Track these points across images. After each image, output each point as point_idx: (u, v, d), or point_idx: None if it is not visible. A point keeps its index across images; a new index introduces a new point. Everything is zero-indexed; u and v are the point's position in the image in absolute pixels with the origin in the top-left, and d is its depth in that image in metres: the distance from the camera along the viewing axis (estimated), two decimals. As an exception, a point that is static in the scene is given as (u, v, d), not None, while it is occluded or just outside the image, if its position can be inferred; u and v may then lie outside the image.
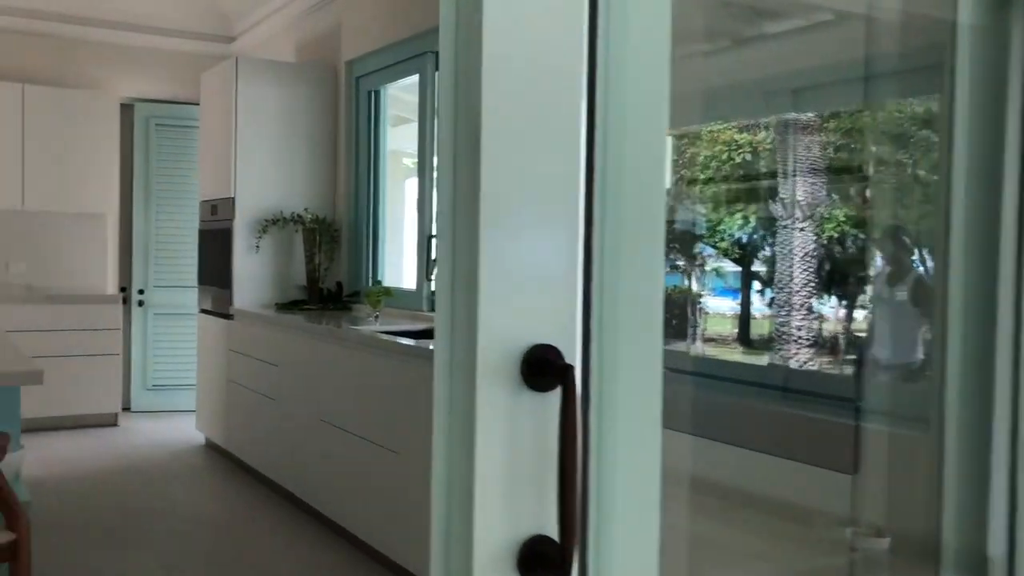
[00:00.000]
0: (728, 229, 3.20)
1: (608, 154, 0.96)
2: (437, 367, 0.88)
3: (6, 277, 6.64)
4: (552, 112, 0.88)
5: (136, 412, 7.03)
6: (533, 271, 0.86)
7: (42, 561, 3.72)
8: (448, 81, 0.88)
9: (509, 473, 0.85)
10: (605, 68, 0.96)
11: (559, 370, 0.84)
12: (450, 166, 0.88)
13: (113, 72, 6.97)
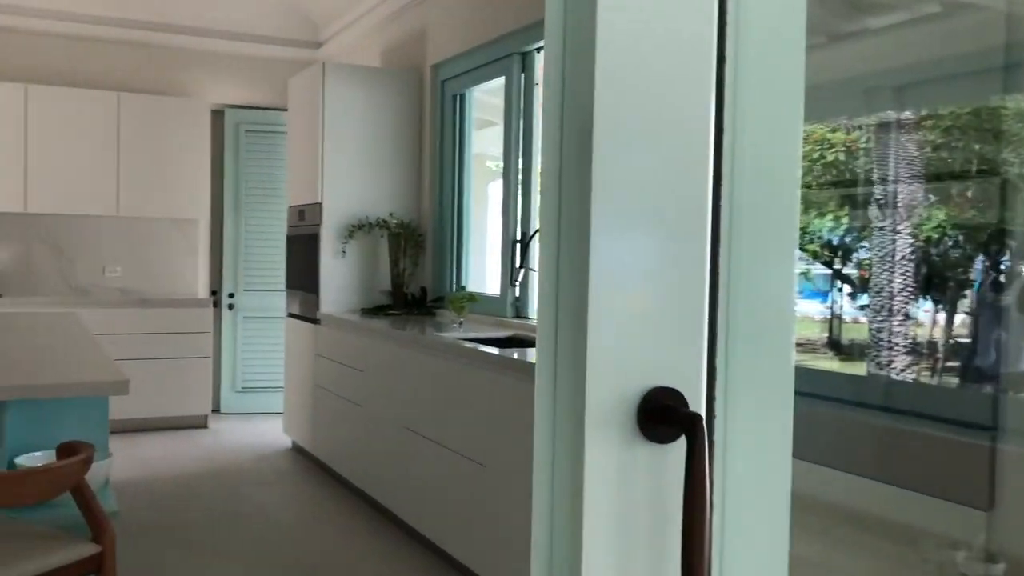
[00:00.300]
0: (818, 231, 3.05)
1: (737, 161, 0.83)
2: (538, 414, 0.76)
3: (102, 281, 6.81)
4: (675, 114, 0.75)
5: (225, 414, 7.13)
6: (653, 300, 0.74)
7: (126, 565, 3.75)
8: (554, 80, 0.76)
9: (622, 540, 0.73)
10: (735, 61, 0.83)
11: (684, 419, 0.72)
12: (555, 173, 0.76)
13: (204, 79, 7.08)
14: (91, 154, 6.45)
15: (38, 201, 6.32)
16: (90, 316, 5.93)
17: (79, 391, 2.52)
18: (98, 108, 6.46)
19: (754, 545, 0.87)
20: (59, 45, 6.61)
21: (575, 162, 0.73)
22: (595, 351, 0.71)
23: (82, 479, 2.24)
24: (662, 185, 0.74)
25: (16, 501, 2.17)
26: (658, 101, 0.74)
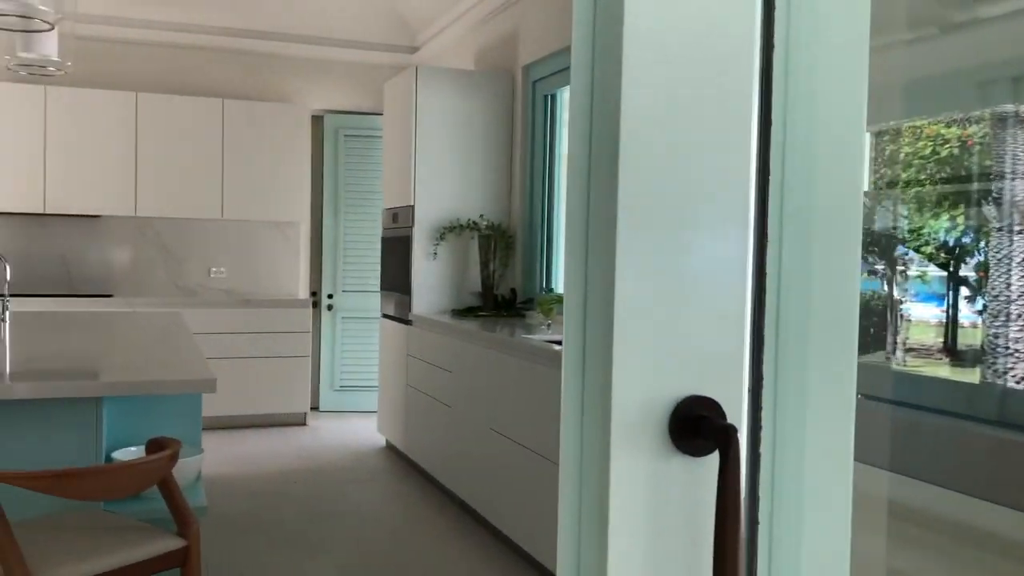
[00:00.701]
0: (932, 231, 2.89)
1: (788, 156, 0.77)
2: (564, 423, 0.73)
3: (207, 282, 7.06)
4: (712, 105, 0.70)
5: (324, 412, 7.29)
6: (687, 303, 0.69)
7: (220, 560, 3.86)
8: (582, 71, 0.72)
9: (650, 557, 0.68)
10: (785, 50, 0.77)
11: (718, 431, 0.66)
12: (584, 167, 0.72)
13: (305, 85, 7.26)
14: (197, 159, 6.69)
15: (147, 205, 6.59)
16: (195, 316, 6.15)
17: (169, 388, 2.60)
18: (203, 115, 6.70)
19: (810, 564, 0.81)
20: (167, 54, 6.88)
21: (604, 153, 0.69)
22: (622, 356, 0.67)
23: (169, 474, 2.30)
24: (697, 177, 0.69)
25: (104, 495, 2.25)
26: (694, 87, 0.69)
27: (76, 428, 2.63)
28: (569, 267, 0.72)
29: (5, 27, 3.82)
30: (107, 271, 6.83)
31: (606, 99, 0.69)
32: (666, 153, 0.68)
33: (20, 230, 6.60)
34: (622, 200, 0.66)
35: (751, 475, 0.77)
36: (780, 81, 0.78)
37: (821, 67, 0.83)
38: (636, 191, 0.66)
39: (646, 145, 0.67)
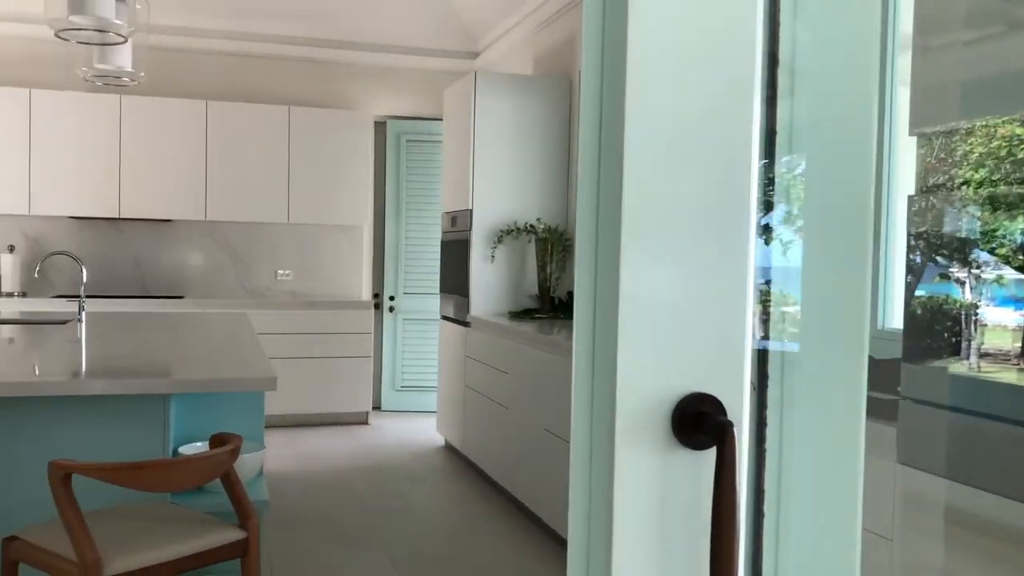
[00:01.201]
0: (1008, 233, 2.84)
1: (794, 155, 0.80)
2: (574, 417, 0.77)
3: (274, 284, 7.25)
4: (715, 108, 0.74)
5: (386, 412, 7.42)
6: (690, 302, 0.73)
7: (278, 553, 3.98)
8: (593, 77, 0.77)
9: (654, 544, 0.72)
10: (792, 50, 0.81)
11: (716, 426, 0.70)
12: (594, 169, 0.77)
13: (368, 91, 7.40)
14: (264, 165, 6.88)
15: (217, 209, 6.80)
16: (262, 317, 6.33)
17: (232, 386, 2.71)
18: (270, 122, 6.89)
19: (818, 556, 0.84)
20: (235, 64, 7.09)
21: (611, 156, 0.73)
22: (626, 355, 0.71)
23: (231, 468, 2.40)
24: (698, 175, 0.73)
25: (170, 487, 2.36)
26: (695, 88, 0.72)
27: (145, 423, 2.76)
28: (580, 270, 0.76)
29: (83, 40, 3.99)
30: (178, 274, 7.07)
31: (614, 103, 0.73)
32: (668, 156, 0.72)
33: (96, 234, 6.87)
34: (626, 203, 0.71)
35: (756, 470, 0.81)
36: (785, 79, 0.81)
37: (828, 74, 0.86)
38: (639, 196, 0.71)
39: (649, 154, 0.71)
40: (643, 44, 0.71)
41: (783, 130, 0.80)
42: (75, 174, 6.51)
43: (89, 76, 4.45)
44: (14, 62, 6.65)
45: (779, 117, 0.81)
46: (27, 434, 2.66)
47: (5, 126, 6.37)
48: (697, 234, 0.72)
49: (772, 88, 0.79)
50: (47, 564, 2.19)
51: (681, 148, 0.72)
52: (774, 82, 0.79)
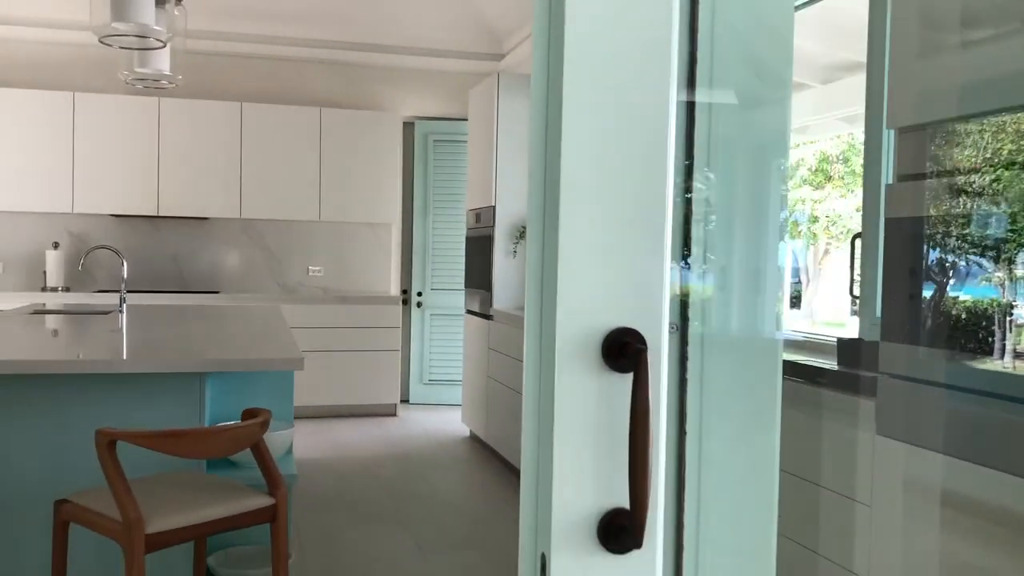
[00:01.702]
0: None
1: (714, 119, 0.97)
2: (527, 348, 0.95)
3: (306, 280, 7.49)
4: (637, 74, 0.89)
5: (413, 404, 7.63)
6: (615, 255, 0.90)
7: (310, 530, 4.19)
8: (539, 62, 0.94)
9: (589, 451, 0.89)
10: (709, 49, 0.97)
11: (634, 353, 0.87)
12: (541, 147, 0.94)
13: (397, 93, 7.62)
14: (297, 165, 7.13)
15: (251, 208, 7.05)
16: (295, 311, 6.57)
17: (261, 365, 2.91)
18: (303, 123, 7.13)
19: (737, 469, 1.01)
20: (269, 67, 7.35)
21: (555, 136, 0.90)
22: (565, 296, 0.88)
23: (261, 439, 2.60)
24: (623, 150, 0.89)
25: (205, 454, 2.56)
26: (621, 63, 0.89)
27: (182, 401, 2.97)
28: (530, 230, 0.94)
29: (125, 46, 4.23)
30: (214, 269, 7.33)
31: (556, 90, 0.90)
32: (598, 133, 0.89)
33: (136, 231, 7.16)
34: (564, 183, 0.88)
35: (679, 395, 0.98)
36: (705, 60, 0.98)
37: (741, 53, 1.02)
38: (576, 168, 0.88)
39: (583, 129, 0.88)
40: (578, 38, 0.88)
41: (701, 107, 0.96)
42: (116, 173, 6.79)
43: (130, 79, 4.69)
44: (59, 66, 6.95)
45: (697, 95, 0.97)
46: (75, 410, 2.89)
47: (50, 128, 6.67)
48: (623, 199, 0.89)
49: (691, 76, 0.96)
50: (94, 523, 2.40)
51: (608, 125, 0.88)
52: (693, 70, 0.96)
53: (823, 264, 14.02)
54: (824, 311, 13.04)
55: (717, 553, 1.00)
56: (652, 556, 0.89)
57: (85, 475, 2.83)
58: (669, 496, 0.98)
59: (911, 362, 2.14)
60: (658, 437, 0.90)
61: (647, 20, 0.89)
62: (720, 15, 0.98)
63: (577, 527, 0.90)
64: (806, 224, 12.78)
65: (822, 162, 13.23)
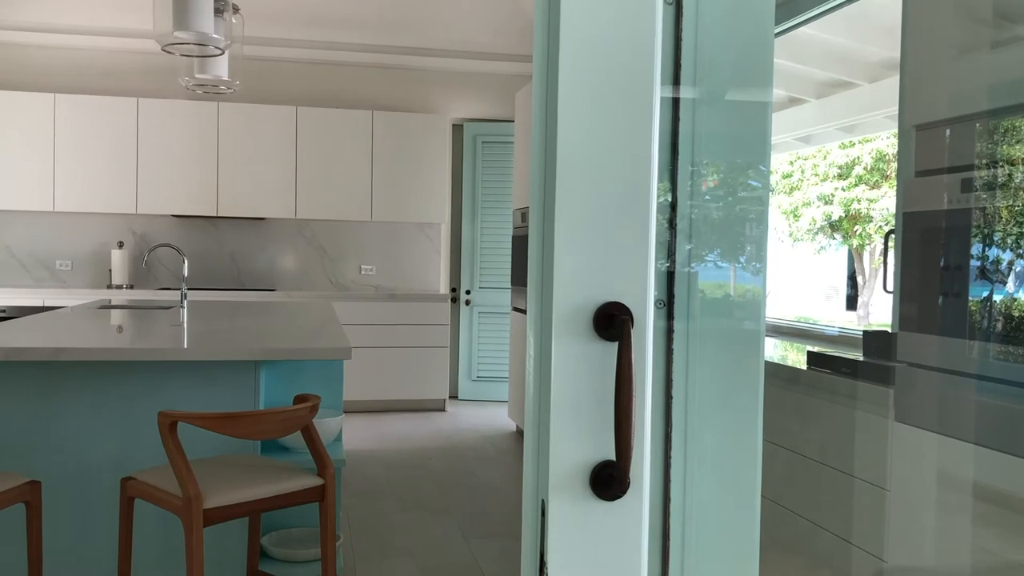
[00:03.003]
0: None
1: (698, 115, 1.09)
2: (529, 320, 1.08)
3: (358, 278, 7.71)
4: (624, 77, 1.02)
5: (462, 400, 7.80)
6: (604, 238, 1.02)
7: (359, 516, 4.36)
8: (539, 56, 1.07)
9: (581, 412, 1.02)
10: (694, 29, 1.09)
11: (619, 323, 1.00)
12: (541, 139, 1.07)
13: (446, 95, 7.80)
14: (349, 166, 7.34)
15: (306, 208, 7.29)
16: (347, 308, 6.78)
17: (312, 355, 3.08)
18: (355, 126, 7.34)
19: (722, 433, 1.13)
20: (323, 71, 7.58)
21: (552, 136, 1.03)
22: (561, 273, 1.01)
23: (311, 422, 2.77)
24: (610, 146, 1.02)
25: (259, 435, 2.73)
26: (609, 62, 1.01)
27: (238, 388, 3.16)
28: (533, 217, 1.07)
29: (186, 53, 4.46)
30: (270, 268, 7.58)
31: (552, 71, 1.03)
32: (593, 121, 1.01)
33: (195, 231, 7.44)
34: (559, 178, 1.01)
35: (666, 363, 1.10)
36: (689, 54, 1.10)
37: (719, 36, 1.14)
38: (567, 176, 1.01)
39: (576, 115, 1.01)
40: (571, 40, 1.01)
41: (685, 102, 1.09)
42: (177, 175, 7.08)
43: (190, 85, 4.91)
44: (123, 74, 7.27)
45: (681, 92, 1.09)
46: (140, 396, 3.09)
47: (115, 132, 6.98)
48: (612, 186, 1.01)
49: (676, 74, 1.08)
50: (157, 499, 2.59)
51: (598, 119, 1.01)
52: (677, 69, 1.08)
53: (878, 264, 13.76)
54: (877, 312, 12.80)
55: (703, 505, 1.12)
56: (639, 502, 1.02)
57: (148, 454, 3.03)
58: (656, 453, 1.10)
59: (926, 351, 2.22)
60: (643, 398, 1.02)
61: (633, 22, 1.01)
62: (703, 18, 1.10)
63: (571, 477, 1.02)
64: (861, 224, 12.59)
65: (878, 161, 13.04)
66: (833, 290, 14.98)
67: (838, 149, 12.61)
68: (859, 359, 2.75)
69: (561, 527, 1.02)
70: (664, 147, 1.09)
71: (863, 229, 12.88)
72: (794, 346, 3.69)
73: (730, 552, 1.18)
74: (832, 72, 5.50)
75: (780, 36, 4.01)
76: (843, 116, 5.84)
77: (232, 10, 4.60)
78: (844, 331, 3.36)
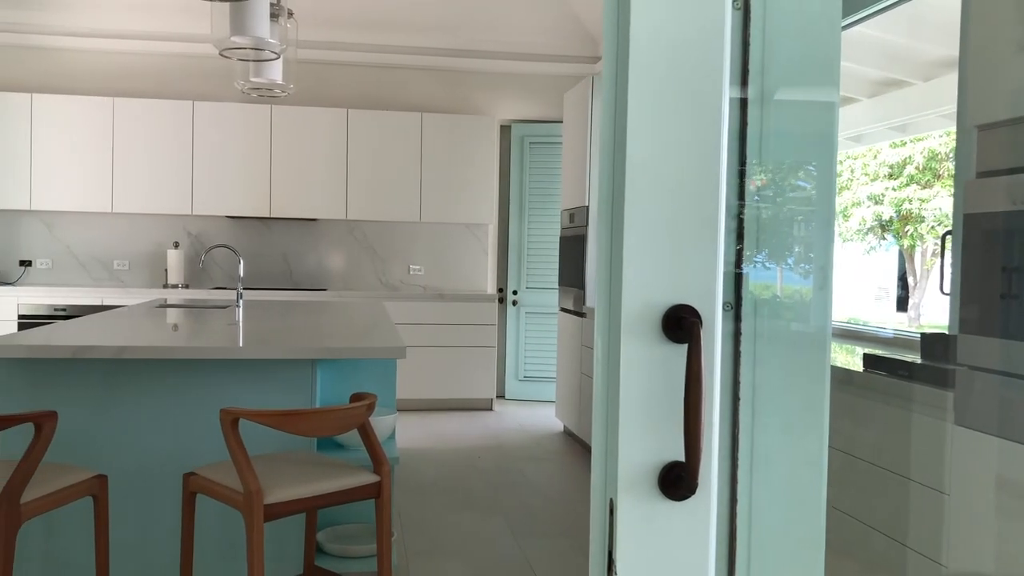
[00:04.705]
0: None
1: (765, 118, 1.10)
2: (597, 322, 1.10)
3: (407, 278, 7.78)
4: (694, 82, 1.03)
5: (509, 400, 7.83)
6: (674, 240, 1.04)
7: (412, 514, 4.41)
8: (608, 66, 1.09)
9: (651, 413, 1.04)
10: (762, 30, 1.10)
11: (689, 326, 1.01)
12: (610, 142, 1.08)
13: (495, 97, 7.84)
14: (399, 168, 7.42)
15: (356, 209, 7.38)
16: (396, 308, 6.85)
17: (366, 353, 3.13)
18: (405, 128, 7.42)
19: (788, 433, 1.14)
20: (373, 74, 7.66)
21: (621, 140, 1.05)
22: (630, 276, 1.03)
23: (367, 420, 2.81)
24: (679, 154, 1.04)
25: (317, 432, 2.79)
26: (678, 65, 1.03)
27: (296, 386, 3.22)
28: (601, 222, 1.09)
29: (242, 58, 4.55)
30: (322, 268, 7.69)
31: (621, 75, 1.04)
32: (655, 138, 1.03)
33: (249, 232, 7.57)
34: (628, 184, 1.02)
35: (733, 365, 1.11)
36: (757, 57, 1.11)
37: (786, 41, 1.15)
38: (638, 182, 1.03)
39: (644, 132, 1.02)
40: (642, 42, 1.02)
41: (754, 102, 1.10)
42: (231, 177, 7.21)
43: (245, 89, 5.00)
44: (179, 77, 7.42)
45: (749, 92, 1.10)
46: (199, 393, 3.17)
47: (171, 135, 7.13)
48: (681, 188, 1.03)
49: (744, 75, 1.10)
50: (219, 494, 2.65)
51: (667, 120, 1.03)
52: (745, 69, 1.09)
53: (930, 265, 13.55)
54: (929, 313, 12.65)
55: (769, 506, 1.13)
56: (707, 502, 1.03)
57: (207, 451, 3.10)
58: (724, 454, 1.11)
59: (988, 353, 2.20)
60: (711, 399, 1.03)
61: (702, 26, 1.03)
62: (770, 21, 1.11)
63: (640, 476, 1.04)
64: (912, 224, 12.40)
65: (930, 160, 12.83)
66: (883, 291, 14.75)
67: (888, 148, 12.43)
68: (916, 361, 2.72)
69: (630, 526, 1.04)
70: (732, 148, 1.10)
71: (914, 229, 12.67)
72: (843, 348, 3.66)
73: (796, 555, 1.18)
74: (885, 71, 5.43)
75: (834, 35, 3.97)
76: (895, 115, 5.76)
77: (287, 14, 4.68)
78: (899, 333, 3.32)
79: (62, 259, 7.38)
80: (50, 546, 3.11)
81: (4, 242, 7.33)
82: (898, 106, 5.69)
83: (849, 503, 2.92)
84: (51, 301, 6.74)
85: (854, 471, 2.85)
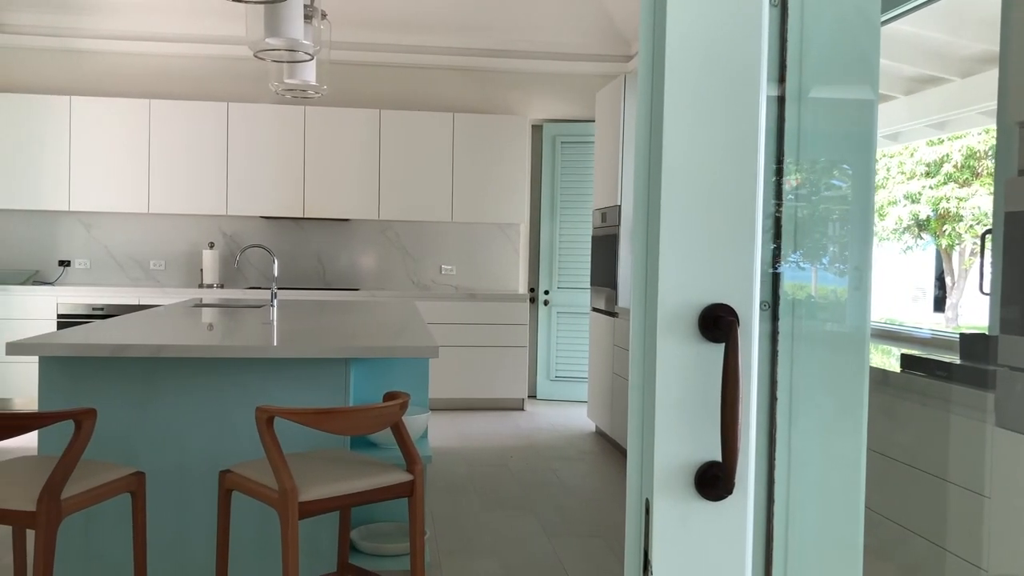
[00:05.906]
0: None
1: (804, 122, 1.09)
2: (633, 321, 1.09)
3: (439, 278, 7.81)
4: (731, 74, 1.03)
5: (540, 400, 7.83)
6: (711, 239, 1.03)
7: (445, 512, 4.43)
8: (644, 65, 1.08)
9: (686, 411, 1.03)
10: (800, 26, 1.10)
11: (726, 325, 1.01)
12: (646, 141, 1.08)
13: (526, 97, 7.84)
14: (430, 168, 7.44)
15: (388, 209, 7.42)
16: (428, 308, 6.87)
17: (400, 352, 3.15)
18: (437, 128, 7.44)
19: (827, 433, 1.13)
20: (405, 75, 7.70)
21: (656, 141, 1.04)
22: (666, 275, 1.02)
23: (400, 419, 2.83)
24: (716, 151, 1.03)
25: (351, 430, 2.80)
26: (715, 65, 1.02)
27: (330, 385, 3.24)
28: (636, 220, 1.08)
29: (276, 59, 4.59)
30: (354, 268, 7.74)
31: (657, 76, 1.04)
32: (693, 136, 1.02)
33: (283, 232, 7.64)
34: (664, 186, 1.02)
35: (771, 365, 1.10)
36: (795, 54, 1.10)
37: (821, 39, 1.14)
38: (674, 164, 1.02)
39: (681, 133, 1.02)
40: (677, 38, 1.02)
41: (791, 100, 1.09)
42: (265, 178, 7.28)
43: (279, 90, 5.04)
44: (214, 79, 7.50)
45: (787, 91, 1.09)
46: (234, 392, 3.20)
47: (206, 135, 7.21)
48: (717, 188, 1.02)
49: (782, 73, 1.09)
50: (254, 491, 2.68)
51: (704, 120, 1.02)
52: (783, 68, 1.08)
53: (968, 265, 13.32)
54: (967, 313, 12.44)
55: (807, 508, 1.12)
56: (744, 503, 1.02)
57: (241, 448, 3.14)
58: (761, 454, 1.10)
59: (1030, 355, 2.16)
60: (749, 399, 1.03)
61: (739, 24, 1.02)
62: (808, 18, 1.10)
63: (676, 476, 1.04)
64: (950, 223, 12.21)
65: (968, 158, 12.63)
66: (920, 291, 14.56)
67: (926, 146, 12.26)
68: (955, 362, 2.68)
69: (666, 526, 1.03)
70: (769, 146, 1.09)
71: (952, 228, 12.48)
72: (879, 348, 3.61)
73: (833, 558, 1.17)
74: (922, 67, 5.36)
75: (871, 32, 3.92)
76: (933, 112, 5.68)
77: (320, 16, 4.71)
78: (937, 333, 3.27)
79: (100, 259, 7.49)
80: (89, 541, 3.16)
81: (44, 242, 7.46)
82: (936, 103, 5.62)
83: (887, 505, 2.89)
84: (89, 301, 6.85)
85: (892, 473, 2.81)
